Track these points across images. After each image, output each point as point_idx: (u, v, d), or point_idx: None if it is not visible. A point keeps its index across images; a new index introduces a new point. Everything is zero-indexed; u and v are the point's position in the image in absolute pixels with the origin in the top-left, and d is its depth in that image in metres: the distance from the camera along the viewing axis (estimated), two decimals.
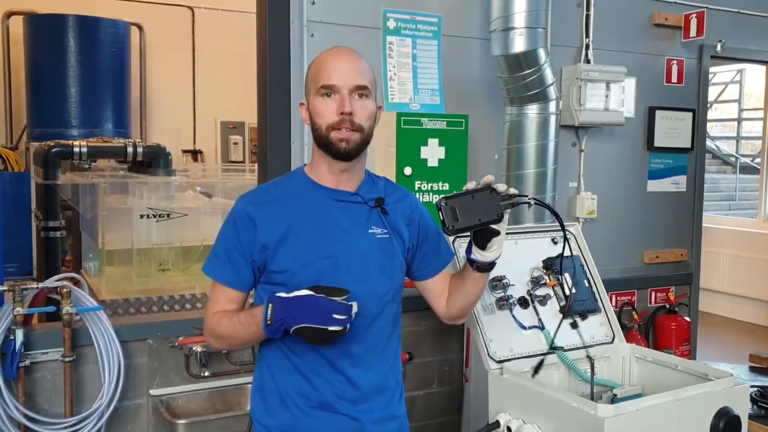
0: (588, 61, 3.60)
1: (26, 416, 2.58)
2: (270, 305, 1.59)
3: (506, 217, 1.74)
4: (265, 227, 1.70)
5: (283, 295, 1.60)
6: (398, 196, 1.86)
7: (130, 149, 4.29)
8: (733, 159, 11.50)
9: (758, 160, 11.34)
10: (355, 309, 1.57)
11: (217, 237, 1.78)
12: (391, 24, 3.20)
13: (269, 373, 1.77)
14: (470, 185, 1.71)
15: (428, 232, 1.89)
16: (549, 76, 3.23)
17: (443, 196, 1.69)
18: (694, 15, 3.77)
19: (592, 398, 2.09)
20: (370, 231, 1.77)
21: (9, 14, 7.00)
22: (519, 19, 3.16)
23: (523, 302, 2.21)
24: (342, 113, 1.66)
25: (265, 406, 1.78)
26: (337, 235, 1.73)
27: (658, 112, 3.86)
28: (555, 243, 2.39)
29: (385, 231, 1.79)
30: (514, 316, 2.18)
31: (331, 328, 1.54)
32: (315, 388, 1.73)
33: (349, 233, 1.74)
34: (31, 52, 6.70)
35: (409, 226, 1.85)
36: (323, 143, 1.71)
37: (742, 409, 1.96)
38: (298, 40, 3.05)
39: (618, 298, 3.75)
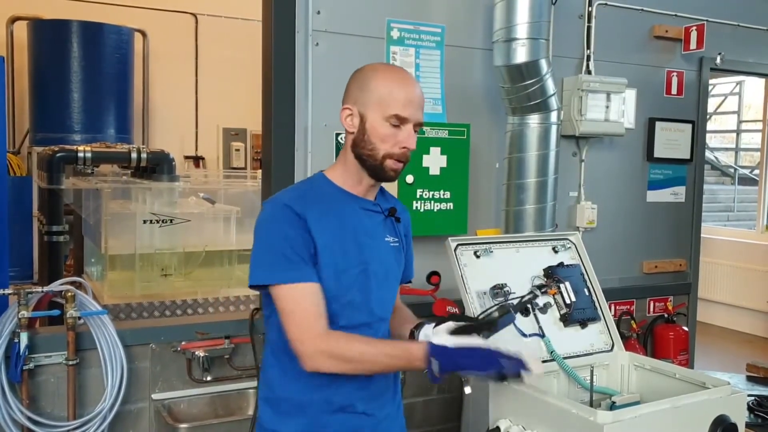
0: (589, 72, 3.64)
1: (29, 419, 2.60)
2: (436, 361, 1.58)
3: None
4: (315, 230, 1.68)
5: (442, 343, 1.61)
6: (400, 207, 1.93)
7: (134, 155, 4.32)
8: (732, 170, 11.54)
9: (757, 171, 11.40)
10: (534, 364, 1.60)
11: (268, 243, 1.68)
12: (395, 34, 3.24)
13: (285, 380, 1.76)
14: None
15: (410, 248, 1.97)
16: (550, 86, 3.27)
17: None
18: (694, 28, 3.81)
19: (591, 405, 2.11)
20: (386, 239, 1.83)
21: (13, 19, 7.04)
22: (521, 30, 3.19)
23: (524, 310, 2.24)
24: (405, 148, 1.71)
25: (276, 413, 1.77)
26: (366, 243, 1.78)
27: (657, 123, 3.90)
28: (556, 252, 2.42)
29: (397, 239, 1.86)
30: (514, 324, 2.20)
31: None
32: (337, 391, 1.73)
33: (374, 240, 1.80)
34: (34, 58, 6.74)
35: (405, 237, 1.93)
36: (373, 165, 1.73)
37: (739, 417, 1.98)
38: (303, 49, 3.08)
39: (617, 307, 3.78)
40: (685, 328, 3.89)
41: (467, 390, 1.79)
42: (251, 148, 7.81)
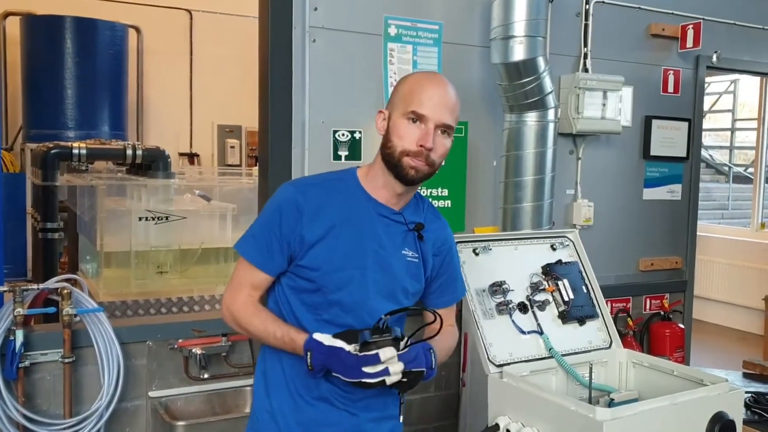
0: (586, 70, 3.63)
1: (25, 417, 2.59)
2: (309, 353, 1.63)
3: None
4: (310, 220, 1.71)
5: (319, 339, 1.64)
6: (437, 225, 1.89)
7: (129, 152, 4.29)
8: (726, 168, 11.58)
9: (751, 169, 11.44)
10: (385, 356, 1.57)
11: (257, 218, 1.79)
12: (393, 31, 3.23)
13: (277, 357, 1.80)
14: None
15: (450, 267, 1.93)
16: (548, 84, 3.26)
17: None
18: (690, 26, 3.81)
19: (589, 402, 2.12)
20: (402, 252, 1.80)
21: (6, 15, 7.00)
22: (519, 28, 3.19)
23: (523, 307, 2.24)
24: (422, 146, 1.69)
25: (266, 387, 1.82)
26: (373, 249, 1.76)
27: (654, 122, 3.90)
28: (554, 249, 2.42)
29: (416, 255, 1.82)
30: (513, 321, 2.21)
31: (366, 381, 1.59)
32: (317, 383, 1.76)
33: (384, 249, 1.77)
34: (27, 53, 6.70)
35: (436, 256, 1.88)
36: (392, 164, 1.72)
37: (737, 414, 1.99)
38: (300, 45, 3.07)
39: (613, 304, 3.77)
40: (681, 326, 3.90)
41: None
42: (246, 145, 7.79)
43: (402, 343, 1.63)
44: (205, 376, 2.95)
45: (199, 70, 7.74)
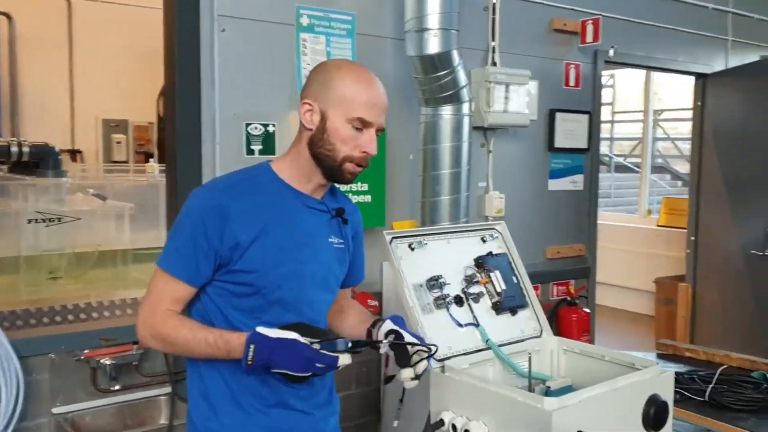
0: (494, 64, 3.69)
1: None
2: (252, 346, 1.54)
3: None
4: (241, 223, 1.61)
5: (265, 332, 1.55)
6: (350, 208, 1.87)
7: (14, 149, 3.90)
8: (608, 158, 12.25)
9: (630, 160, 12.17)
10: (342, 362, 1.57)
11: (174, 230, 1.66)
12: (305, 21, 3.14)
13: (216, 372, 1.68)
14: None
15: (360, 249, 1.94)
16: (462, 77, 3.28)
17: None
18: (590, 21, 3.96)
19: (529, 391, 2.13)
20: (329, 240, 1.77)
21: None
22: (433, 21, 3.19)
23: (459, 300, 2.22)
24: (365, 152, 1.66)
25: (210, 408, 1.69)
26: (305, 241, 1.71)
27: (558, 114, 4.03)
28: (484, 241, 2.42)
29: (341, 241, 1.81)
30: (451, 315, 2.18)
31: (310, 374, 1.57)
32: (271, 388, 1.68)
33: (315, 240, 1.74)
34: None
35: (354, 238, 1.88)
36: (330, 166, 1.66)
37: (668, 395, 2.06)
38: (208, 35, 2.95)
39: None
40: (587, 310, 4.06)
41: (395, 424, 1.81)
42: (133, 141, 7.40)
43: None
44: (116, 387, 2.80)
45: (80, 61, 7.24)
